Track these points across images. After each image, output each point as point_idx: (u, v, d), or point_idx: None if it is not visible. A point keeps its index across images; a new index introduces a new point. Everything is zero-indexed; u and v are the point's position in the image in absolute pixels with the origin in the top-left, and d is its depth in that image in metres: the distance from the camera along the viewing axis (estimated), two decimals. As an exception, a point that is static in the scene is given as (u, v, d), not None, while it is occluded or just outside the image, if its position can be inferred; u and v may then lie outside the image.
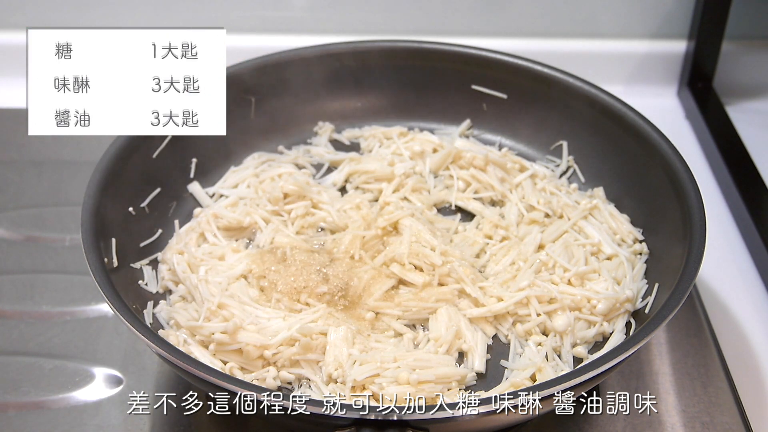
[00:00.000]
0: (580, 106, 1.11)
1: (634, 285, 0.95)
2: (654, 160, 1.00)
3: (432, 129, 1.19)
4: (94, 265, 0.86)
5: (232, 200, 1.07)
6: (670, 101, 1.45)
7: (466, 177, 1.09)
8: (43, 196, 1.22)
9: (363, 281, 0.96)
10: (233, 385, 0.76)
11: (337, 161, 1.15)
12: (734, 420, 0.92)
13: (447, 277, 0.96)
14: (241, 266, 0.97)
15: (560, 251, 0.98)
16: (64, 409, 0.94)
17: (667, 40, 1.44)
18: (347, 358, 0.86)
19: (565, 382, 0.76)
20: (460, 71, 1.17)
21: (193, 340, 0.89)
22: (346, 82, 1.19)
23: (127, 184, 0.99)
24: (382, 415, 0.73)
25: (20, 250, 1.13)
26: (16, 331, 1.02)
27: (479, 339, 0.91)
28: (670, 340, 1.01)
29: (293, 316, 0.91)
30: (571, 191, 1.08)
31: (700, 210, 0.91)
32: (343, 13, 1.43)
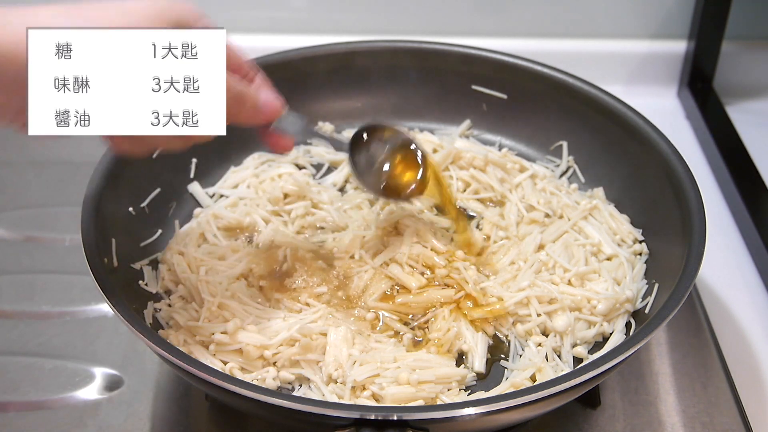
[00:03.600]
0: (580, 106, 1.11)
1: (634, 285, 0.95)
2: (654, 160, 1.00)
3: (432, 129, 1.19)
4: (94, 265, 0.86)
5: (232, 200, 1.07)
6: (670, 101, 1.45)
7: (465, 177, 1.09)
8: (43, 196, 1.22)
9: (363, 281, 0.96)
10: (233, 385, 0.76)
11: (337, 161, 1.15)
12: (734, 420, 0.92)
13: (447, 277, 0.96)
14: (241, 266, 0.97)
15: (560, 251, 0.98)
16: (64, 409, 0.94)
17: (667, 40, 1.44)
18: (347, 359, 0.86)
19: (565, 382, 0.76)
20: (460, 71, 1.17)
21: (193, 340, 0.89)
22: (346, 82, 1.19)
23: (127, 184, 0.99)
24: (382, 415, 0.73)
25: (20, 250, 1.13)
26: (15, 331, 1.02)
27: (479, 339, 0.91)
28: (670, 340, 1.01)
29: (293, 316, 0.91)
30: (571, 191, 1.08)
31: (700, 210, 0.91)
32: (343, 13, 1.43)
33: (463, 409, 0.74)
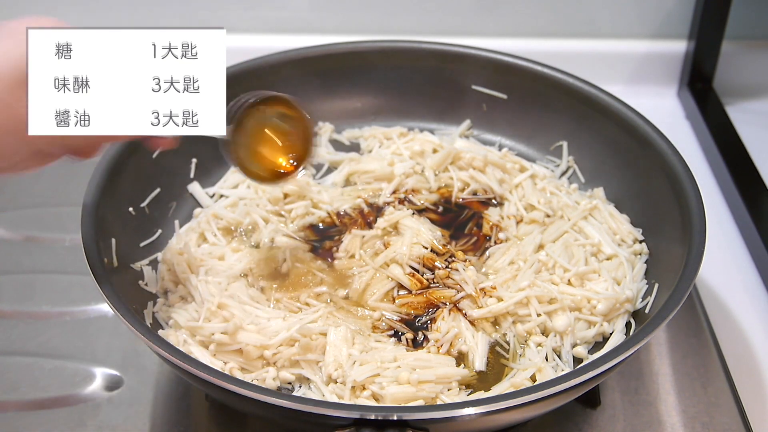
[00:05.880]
0: (580, 106, 1.11)
1: (634, 285, 0.95)
2: (654, 160, 1.00)
3: (432, 129, 1.19)
4: (94, 265, 0.86)
5: (232, 200, 1.07)
6: (670, 101, 1.45)
7: (465, 178, 1.09)
8: (43, 196, 1.22)
9: (363, 281, 0.96)
10: (233, 385, 0.76)
11: (337, 161, 1.15)
12: (734, 420, 0.92)
13: (447, 278, 0.96)
14: (240, 266, 0.97)
15: (560, 251, 0.98)
16: (64, 409, 0.94)
17: (667, 40, 1.44)
18: (347, 359, 0.86)
19: (565, 382, 0.76)
20: (460, 71, 1.17)
21: (193, 341, 0.88)
22: (346, 82, 1.19)
23: (127, 184, 0.99)
24: (382, 415, 0.73)
25: (20, 250, 1.13)
26: (15, 331, 1.02)
27: (479, 339, 0.91)
28: (670, 340, 1.01)
29: (293, 316, 0.91)
30: (571, 191, 1.08)
31: (700, 210, 0.91)
32: (343, 13, 1.43)
33: (463, 409, 0.74)
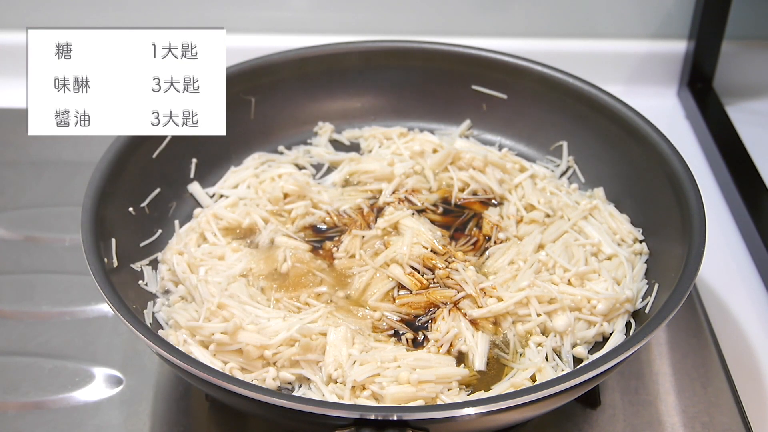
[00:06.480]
0: (580, 106, 1.11)
1: (634, 285, 0.95)
2: (654, 160, 1.00)
3: (432, 129, 1.19)
4: (94, 265, 0.86)
5: (232, 200, 1.07)
6: (670, 101, 1.45)
7: (465, 178, 1.09)
8: (43, 196, 1.22)
9: (363, 281, 0.96)
10: (233, 385, 0.76)
11: (337, 161, 1.15)
12: (734, 420, 0.92)
13: (447, 278, 0.96)
14: (240, 266, 0.97)
15: (560, 251, 0.98)
16: (64, 409, 0.94)
17: (667, 40, 1.44)
18: (347, 358, 0.86)
19: (565, 382, 0.76)
20: (460, 71, 1.17)
21: (193, 340, 0.89)
22: (346, 82, 1.19)
23: (127, 184, 0.99)
24: (382, 415, 0.73)
25: (20, 250, 1.13)
26: (16, 331, 1.02)
27: (479, 339, 0.91)
28: (670, 340, 1.01)
29: (293, 316, 0.91)
30: (571, 191, 1.08)
31: (700, 210, 0.91)
32: (343, 13, 1.43)
33: (463, 409, 0.74)
